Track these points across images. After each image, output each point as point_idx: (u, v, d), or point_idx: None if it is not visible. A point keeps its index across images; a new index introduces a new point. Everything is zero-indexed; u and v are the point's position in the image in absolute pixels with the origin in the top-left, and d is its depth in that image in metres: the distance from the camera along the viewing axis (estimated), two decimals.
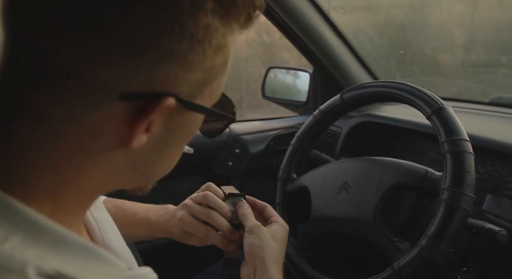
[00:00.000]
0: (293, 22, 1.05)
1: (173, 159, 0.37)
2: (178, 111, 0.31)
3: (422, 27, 2.38)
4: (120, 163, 0.32)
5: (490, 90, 1.51)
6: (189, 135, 0.36)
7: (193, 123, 0.35)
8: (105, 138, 0.30)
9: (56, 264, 0.27)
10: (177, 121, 0.33)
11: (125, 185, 0.36)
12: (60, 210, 0.31)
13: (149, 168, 0.35)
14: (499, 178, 0.82)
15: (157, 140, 0.32)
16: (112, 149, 0.31)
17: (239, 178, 1.18)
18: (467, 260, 0.69)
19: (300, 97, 1.31)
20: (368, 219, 0.69)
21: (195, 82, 0.31)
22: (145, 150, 0.32)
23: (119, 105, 0.29)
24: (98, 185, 0.33)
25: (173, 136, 0.34)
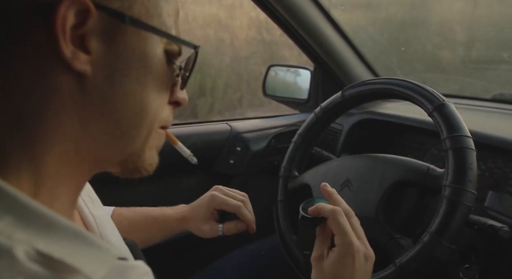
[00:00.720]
0: (294, 19, 1.05)
1: (145, 99, 0.34)
2: (114, 27, 0.30)
3: (423, 24, 2.38)
4: (81, 101, 0.30)
5: (491, 86, 1.51)
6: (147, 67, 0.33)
7: (146, 45, 0.32)
8: (43, 64, 0.29)
9: (44, 247, 0.27)
10: (119, 40, 0.31)
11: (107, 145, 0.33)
12: (44, 181, 0.30)
13: (118, 112, 0.32)
14: (501, 174, 0.82)
15: (106, 67, 0.31)
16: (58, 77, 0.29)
17: (241, 176, 1.18)
18: (469, 257, 0.69)
19: (301, 95, 1.30)
20: (370, 216, 0.69)
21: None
22: (99, 80, 0.30)
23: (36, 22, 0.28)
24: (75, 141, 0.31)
25: (125, 61, 0.31)
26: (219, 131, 1.16)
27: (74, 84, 0.30)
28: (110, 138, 0.33)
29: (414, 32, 2.37)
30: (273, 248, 0.95)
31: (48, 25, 0.28)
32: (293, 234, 0.81)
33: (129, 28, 0.31)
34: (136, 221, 0.69)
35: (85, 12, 0.28)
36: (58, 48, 0.28)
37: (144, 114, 0.34)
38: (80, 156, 0.32)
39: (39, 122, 0.29)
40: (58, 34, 0.28)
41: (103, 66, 0.30)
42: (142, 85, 0.33)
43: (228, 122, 1.19)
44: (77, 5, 0.28)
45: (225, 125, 1.18)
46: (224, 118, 1.27)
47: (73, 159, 0.32)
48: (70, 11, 0.28)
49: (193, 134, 1.12)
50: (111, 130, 0.33)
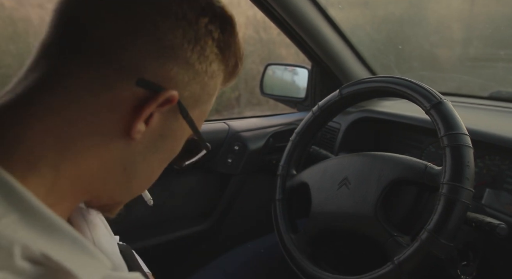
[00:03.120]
0: (291, 18, 1.05)
1: (154, 171, 0.40)
2: (174, 116, 0.36)
3: (420, 22, 2.38)
4: (117, 155, 0.35)
5: (489, 84, 1.51)
6: (173, 150, 0.40)
7: (180, 136, 0.39)
8: (112, 119, 0.33)
9: (44, 247, 0.28)
10: (170, 126, 0.37)
11: (106, 189, 0.37)
12: (55, 192, 0.32)
13: (135, 172, 0.38)
14: (498, 172, 0.82)
15: (150, 141, 0.36)
16: (115, 134, 0.34)
17: (239, 175, 1.18)
18: (467, 254, 0.69)
19: (298, 94, 1.31)
20: (368, 214, 0.69)
21: (193, 93, 0.37)
22: (139, 147, 0.36)
23: (133, 89, 0.33)
24: (91, 176, 0.35)
25: (163, 141, 0.37)
26: (217, 130, 1.16)
27: (121, 144, 0.35)
28: (117, 188, 0.38)
29: (412, 30, 2.37)
30: (272, 247, 0.95)
31: (139, 100, 0.33)
32: (291, 233, 0.81)
33: (183, 122, 0.38)
34: None
35: (169, 100, 0.34)
36: (134, 120, 0.33)
37: (149, 182, 0.41)
38: (87, 188, 0.36)
39: (77, 152, 0.33)
40: (143, 112, 0.33)
41: (148, 139, 0.36)
42: (162, 163, 0.40)
43: (226, 121, 1.19)
44: (170, 96, 0.34)
45: (223, 124, 1.18)
46: (222, 117, 1.27)
47: (81, 187, 0.35)
48: (163, 97, 0.34)
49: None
50: (122, 184, 0.38)
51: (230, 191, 1.18)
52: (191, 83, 0.36)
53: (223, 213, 1.19)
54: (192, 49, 0.35)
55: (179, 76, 0.35)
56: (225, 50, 0.38)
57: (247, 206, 1.24)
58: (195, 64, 0.36)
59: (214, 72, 0.38)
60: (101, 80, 0.32)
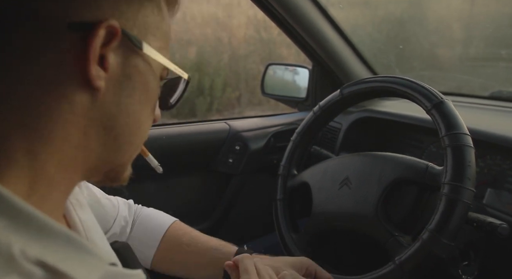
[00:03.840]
0: (292, 18, 1.05)
1: (139, 118, 0.37)
2: (130, 50, 0.33)
3: (421, 22, 2.38)
4: (89, 115, 0.32)
5: (489, 84, 1.51)
6: (147, 87, 0.37)
7: (148, 71, 0.36)
8: (65, 79, 0.31)
9: (38, 253, 0.27)
10: (130, 63, 0.34)
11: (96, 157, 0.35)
12: (39, 185, 0.31)
13: (117, 126, 0.35)
14: (499, 171, 0.82)
15: (116, 85, 0.33)
16: (75, 91, 0.31)
17: (240, 174, 1.18)
18: (468, 254, 0.69)
19: (299, 93, 1.30)
20: (369, 214, 0.69)
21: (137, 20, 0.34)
22: (108, 96, 0.33)
23: (68, 38, 0.30)
24: (73, 151, 0.33)
25: (131, 81, 0.34)
26: (218, 130, 1.16)
27: (87, 99, 0.32)
28: (107, 150, 0.35)
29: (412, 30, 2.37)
30: (272, 246, 0.95)
31: (80, 43, 0.30)
32: (292, 233, 0.81)
33: (142, 54, 0.35)
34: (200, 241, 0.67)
35: (112, 33, 0.31)
36: (85, 65, 0.30)
37: (139, 132, 0.38)
38: (76, 164, 0.34)
39: (48, 129, 0.31)
40: (89, 54, 0.30)
41: (114, 84, 0.33)
42: (142, 106, 0.37)
43: (227, 121, 1.19)
44: (109, 28, 0.31)
45: (223, 124, 1.18)
46: (222, 117, 1.27)
47: (69, 166, 0.33)
48: (103, 32, 0.31)
49: (192, 133, 1.12)
50: (109, 144, 0.35)
51: (231, 191, 1.18)
52: (128, 11, 0.33)
53: (224, 213, 1.19)
54: None
55: (110, 6, 0.32)
56: None
57: (248, 206, 1.24)
58: None
59: None
60: (34, 42, 0.30)
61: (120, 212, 0.67)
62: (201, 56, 3.87)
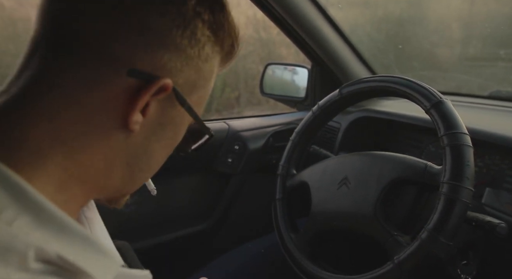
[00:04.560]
0: (291, 17, 1.05)
1: (158, 160, 0.40)
2: (171, 104, 0.36)
3: (420, 21, 2.38)
4: (119, 150, 0.35)
5: (488, 84, 1.51)
6: (174, 137, 0.39)
7: (180, 123, 0.38)
8: (109, 113, 0.33)
9: (58, 248, 0.28)
10: (168, 114, 0.36)
11: (112, 184, 0.37)
12: (63, 191, 0.32)
13: (139, 165, 0.38)
14: (498, 171, 0.82)
15: (150, 130, 0.36)
16: (114, 128, 0.33)
17: (239, 174, 1.18)
18: (467, 253, 0.70)
19: (298, 93, 1.31)
20: (368, 213, 0.69)
21: (188, 79, 0.36)
22: (140, 138, 0.35)
23: (125, 81, 0.32)
24: (97, 173, 0.35)
25: (162, 130, 0.37)
26: (217, 130, 1.16)
27: (121, 137, 0.34)
28: (121, 181, 0.38)
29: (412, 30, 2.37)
30: (272, 246, 0.95)
31: (132, 89, 0.33)
32: (291, 232, 0.81)
33: (181, 109, 0.37)
34: None
35: (163, 89, 0.34)
36: (130, 111, 0.33)
37: (154, 169, 0.41)
38: (94, 185, 0.36)
39: (82, 150, 0.33)
40: (137, 104, 0.33)
41: (147, 129, 0.36)
42: (165, 151, 0.40)
43: (226, 121, 1.19)
44: (164, 84, 0.33)
45: (223, 124, 1.18)
46: (222, 117, 1.27)
47: (88, 185, 0.35)
48: (156, 86, 0.33)
49: None
50: (126, 177, 0.38)
51: (230, 191, 1.18)
52: (185, 69, 0.35)
53: (223, 213, 1.19)
54: (181, 34, 0.34)
55: (171, 63, 0.34)
56: (217, 31, 0.37)
57: (247, 205, 1.24)
58: (187, 49, 0.35)
59: (208, 55, 0.37)
60: (93, 76, 0.32)
61: None
62: None
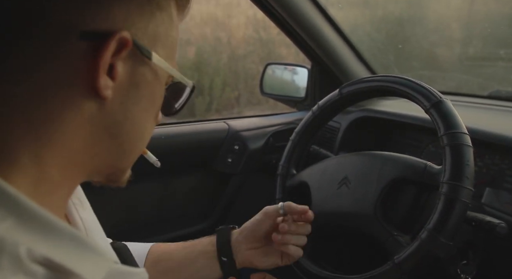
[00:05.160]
0: (291, 17, 1.05)
1: (144, 125, 0.38)
2: (137, 59, 0.34)
3: (420, 21, 2.38)
4: (95, 122, 0.33)
5: (488, 83, 1.51)
6: (153, 96, 0.37)
7: (155, 80, 0.36)
8: (73, 83, 0.31)
9: (45, 251, 0.27)
10: (138, 72, 0.34)
11: (100, 161, 0.36)
12: (44, 184, 0.31)
13: (124, 134, 0.36)
14: (497, 171, 0.82)
15: (124, 93, 0.34)
16: (84, 99, 0.31)
17: (239, 174, 1.18)
18: (466, 253, 0.70)
19: (298, 93, 1.30)
20: (368, 213, 0.69)
21: (147, 30, 0.34)
22: (116, 104, 0.33)
23: (79, 46, 0.30)
24: (78, 154, 0.33)
25: (138, 90, 0.35)
26: (217, 129, 1.16)
27: (94, 106, 0.32)
28: (110, 155, 0.36)
29: (411, 30, 2.37)
30: None
31: (91, 52, 0.30)
32: None
33: (150, 64, 0.35)
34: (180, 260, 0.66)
35: (122, 44, 0.31)
36: (95, 75, 0.31)
37: (142, 138, 0.39)
38: (79, 167, 0.34)
39: (54, 133, 0.31)
40: (99, 65, 0.30)
41: (121, 93, 0.33)
42: (147, 113, 0.37)
43: (226, 121, 1.19)
44: (121, 39, 0.31)
45: (223, 124, 1.18)
46: (221, 117, 1.27)
47: (73, 169, 0.34)
48: (114, 43, 0.31)
49: (191, 133, 1.12)
50: (113, 149, 0.36)
51: (230, 191, 1.18)
52: (140, 20, 0.33)
53: (223, 213, 1.19)
54: None
55: (123, 15, 0.32)
56: None
57: (247, 205, 1.24)
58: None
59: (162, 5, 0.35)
60: (45, 47, 0.30)
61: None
62: (200, 56, 3.87)
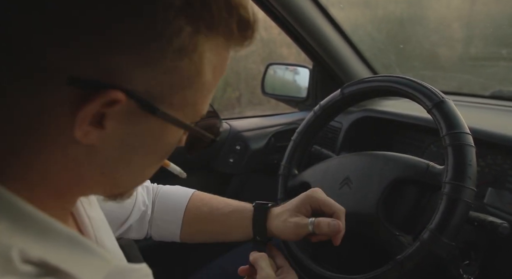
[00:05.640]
0: (292, 17, 1.05)
1: (145, 168, 0.35)
2: (138, 113, 0.29)
3: (421, 21, 2.38)
4: (84, 160, 0.30)
5: (490, 83, 1.51)
6: (162, 147, 0.34)
7: (165, 133, 0.33)
8: (56, 125, 0.28)
9: (40, 252, 0.27)
10: (139, 124, 0.30)
11: (97, 189, 0.35)
12: (35, 199, 0.30)
13: (117, 174, 0.33)
14: (500, 171, 0.82)
15: (118, 141, 0.30)
16: (68, 141, 0.29)
17: (240, 174, 1.18)
18: (469, 253, 0.69)
19: (300, 93, 1.31)
20: (370, 213, 0.69)
21: (156, 82, 0.29)
22: (108, 150, 0.31)
23: (66, 90, 0.27)
24: (67, 183, 0.32)
25: (139, 141, 0.31)
26: None
27: (81, 149, 0.30)
28: (103, 187, 0.34)
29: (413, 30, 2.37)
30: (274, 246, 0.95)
31: (76, 101, 0.27)
32: None
33: (155, 117, 0.30)
34: (218, 208, 0.68)
35: (114, 99, 0.28)
36: (73, 125, 0.28)
37: (143, 177, 0.36)
38: (72, 192, 0.33)
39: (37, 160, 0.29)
40: (77, 119, 0.27)
41: (115, 140, 0.30)
42: (149, 160, 0.34)
43: (227, 121, 1.19)
44: (112, 94, 0.27)
45: (224, 124, 1.18)
46: (223, 117, 1.27)
47: (64, 193, 0.33)
48: (103, 97, 0.27)
49: None
50: (107, 183, 0.34)
51: (232, 191, 1.18)
52: (149, 71, 0.28)
53: None
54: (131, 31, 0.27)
55: (126, 66, 0.27)
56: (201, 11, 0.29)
57: None
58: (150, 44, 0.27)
59: (185, 47, 0.29)
60: (30, 81, 0.27)
61: (138, 197, 0.67)
62: None
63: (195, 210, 0.68)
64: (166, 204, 0.69)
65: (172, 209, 0.68)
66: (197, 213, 0.68)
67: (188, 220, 0.68)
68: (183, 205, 0.68)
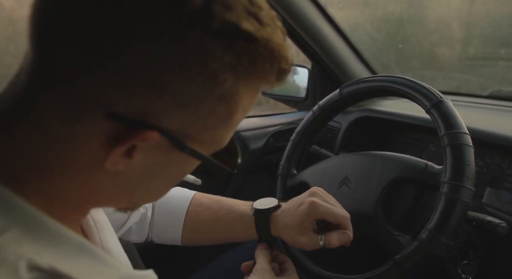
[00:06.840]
0: (291, 17, 1.05)
1: (160, 191, 0.38)
2: (167, 147, 0.31)
3: (420, 21, 2.38)
4: (106, 182, 0.32)
5: (489, 83, 1.51)
6: (181, 174, 0.37)
7: (186, 164, 0.35)
8: (87, 152, 0.30)
9: (51, 260, 0.27)
10: (166, 156, 0.32)
11: (112, 204, 0.37)
12: (50, 209, 0.31)
13: (135, 194, 0.35)
14: (498, 170, 0.82)
15: (143, 170, 0.32)
16: (95, 167, 0.31)
17: (239, 174, 1.18)
18: (467, 253, 0.69)
19: (299, 93, 1.30)
20: (368, 213, 0.69)
21: (190, 123, 0.31)
22: (131, 176, 0.32)
23: (104, 123, 0.29)
24: (85, 199, 0.33)
25: (163, 170, 0.34)
26: None
27: (106, 174, 0.32)
28: (119, 204, 0.37)
29: (412, 30, 2.37)
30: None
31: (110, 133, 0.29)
32: None
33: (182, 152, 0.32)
34: (219, 215, 0.67)
35: (149, 138, 0.29)
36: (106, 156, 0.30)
37: (157, 197, 0.39)
38: (80, 206, 0.35)
39: (59, 179, 0.31)
40: (113, 151, 0.29)
41: (139, 168, 0.32)
42: (167, 184, 0.37)
43: None
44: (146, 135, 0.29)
45: None
46: None
47: (82, 205, 0.35)
48: (136, 138, 0.29)
49: None
50: (123, 201, 0.36)
51: (231, 191, 1.18)
52: (181, 114, 0.30)
53: None
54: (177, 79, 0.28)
55: (165, 108, 0.29)
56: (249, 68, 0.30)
57: None
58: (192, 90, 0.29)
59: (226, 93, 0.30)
60: (69, 111, 0.28)
61: None
62: None
63: (196, 215, 0.68)
64: (166, 209, 0.69)
65: (173, 213, 0.68)
66: (198, 218, 0.68)
67: (189, 226, 0.68)
68: (183, 209, 0.68)
